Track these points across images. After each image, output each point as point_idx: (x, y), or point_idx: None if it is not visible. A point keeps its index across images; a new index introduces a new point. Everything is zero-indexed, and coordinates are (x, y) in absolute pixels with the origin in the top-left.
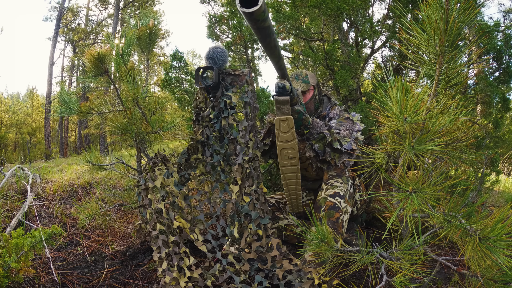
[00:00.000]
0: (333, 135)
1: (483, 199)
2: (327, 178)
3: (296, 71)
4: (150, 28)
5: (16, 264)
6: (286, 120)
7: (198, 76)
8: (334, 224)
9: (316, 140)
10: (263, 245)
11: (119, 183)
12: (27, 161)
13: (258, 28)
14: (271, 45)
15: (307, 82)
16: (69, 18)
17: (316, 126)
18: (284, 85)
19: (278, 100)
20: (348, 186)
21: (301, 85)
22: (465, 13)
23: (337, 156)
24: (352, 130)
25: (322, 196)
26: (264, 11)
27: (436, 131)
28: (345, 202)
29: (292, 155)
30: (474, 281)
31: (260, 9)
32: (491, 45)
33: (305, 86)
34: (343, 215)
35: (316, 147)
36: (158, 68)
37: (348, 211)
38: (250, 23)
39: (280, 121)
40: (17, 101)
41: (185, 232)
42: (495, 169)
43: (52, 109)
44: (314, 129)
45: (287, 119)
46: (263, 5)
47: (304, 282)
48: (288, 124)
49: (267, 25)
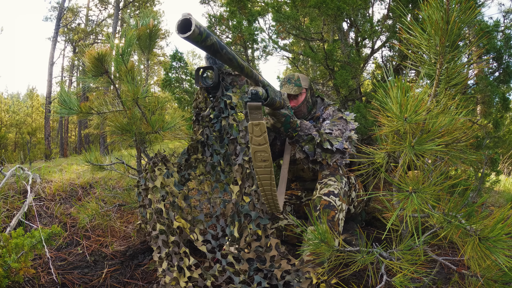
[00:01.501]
0: (322, 136)
1: (483, 199)
2: (321, 178)
3: (289, 74)
4: (150, 28)
5: (16, 264)
6: (259, 124)
7: (198, 76)
8: (330, 222)
9: (305, 141)
10: (262, 245)
11: (119, 183)
12: (27, 161)
13: (203, 47)
14: (224, 59)
15: (299, 85)
16: (69, 18)
17: (304, 128)
18: (256, 92)
19: (250, 106)
20: (342, 184)
21: (293, 88)
22: (465, 13)
23: (328, 156)
24: (345, 130)
25: (316, 196)
26: (201, 33)
27: (436, 131)
28: (340, 200)
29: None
30: (474, 281)
31: (193, 34)
32: (491, 45)
33: (297, 90)
34: (339, 213)
35: (306, 148)
36: (158, 68)
37: (343, 209)
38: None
39: (253, 125)
40: (17, 101)
41: (185, 232)
42: (495, 169)
43: (52, 109)
44: (303, 131)
45: (260, 123)
46: (196, 29)
47: (302, 282)
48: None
49: (211, 43)
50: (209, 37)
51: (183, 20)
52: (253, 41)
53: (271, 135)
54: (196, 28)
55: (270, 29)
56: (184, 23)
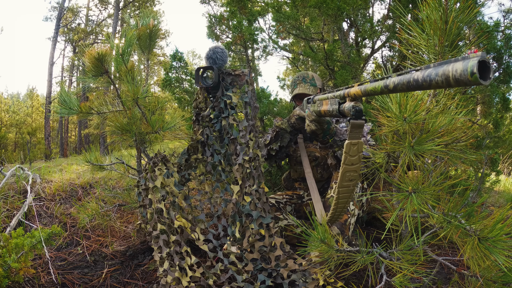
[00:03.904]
0: None
1: (483, 199)
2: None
3: (302, 72)
4: (150, 28)
5: (16, 264)
6: (357, 144)
7: (198, 76)
8: (342, 226)
9: (339, 147)
10: (266, 244)
11: (119, 183)
12: (27, 161)
13: None
14: None
15: (315, 85)
16: (69, 18)
17: (339, 134)
18: (361, 109)
19: (354, 124)
20: (357, 189)
21: (309, 88)
22: (464, 13)
23: None
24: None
25: (331, 195)
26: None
27: (436, 131)
28: (353, 205)
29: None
30: (474, 281)
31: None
32: (491, 45)
33: (313, 90)
34: (351, 218)
35: (339, 154)
36: (158, 68)
37: (355, 214)
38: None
39: (351, 144)
40: (17, 101)
41: (186, 232)
42: (495, 169)
43: (52, 109)
44: (338, 136)
45: (358, 143)
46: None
47: (308, 283)
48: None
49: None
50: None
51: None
52: (253, 41)
53: (286, 137)
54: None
55: (270, 29)
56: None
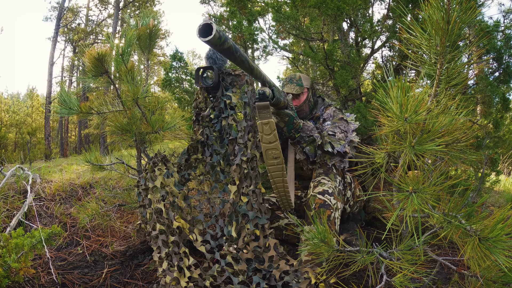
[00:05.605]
0: (323, 138)
1: (483, 199)
2: (314, 176)
3: (291, 74)
4: (150, 28)
5: (16, 264)
6: (268, 123)
7: (198, 76)
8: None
9: (306, 143)
10: (261, 245)
11: (119, 183)
12: (27, 161)
13: (221, 50)
14: (238, 61)
15: (301, 85)
16: (69, 18)
17: (306, 130)
18: (264, 92)
19: (259, 106)
20: (337, 183)
21: (294, 88)
22: (466, 14)
23: (327, 157)
24: (348, 131)
25: (311, 194)
26: (220, 37)
27: (437, 131)
28: (334, 199)
29: (276, 154)
30: (474, 282)
31: (214, 37)
32: (491, 46)
33: (298, 89)
34: (334, 212)
35: (307, 149)
36: (158, 68)
37: (339, 208)
38: (212, 48)
39: (262, 124)
40: (17, 101)
41: (184, 232)
42: (495, 169)
43: (52, 109)
44: (305, 132)
45: (269, 122)
46: (216, 33)
47: (301, 282)
48: (270, 127)
49: (227, 47)
50: (226, 41)
51: (205, 25)
52: (253, 41)
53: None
54: (217, 32)
55: (270, 29)
56: (205, 27)
